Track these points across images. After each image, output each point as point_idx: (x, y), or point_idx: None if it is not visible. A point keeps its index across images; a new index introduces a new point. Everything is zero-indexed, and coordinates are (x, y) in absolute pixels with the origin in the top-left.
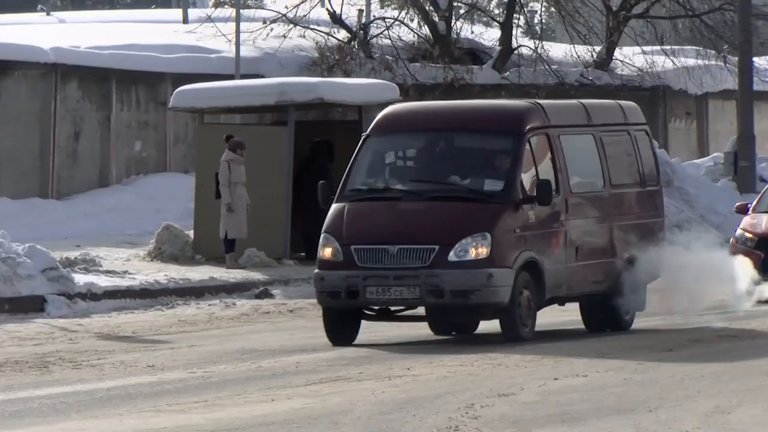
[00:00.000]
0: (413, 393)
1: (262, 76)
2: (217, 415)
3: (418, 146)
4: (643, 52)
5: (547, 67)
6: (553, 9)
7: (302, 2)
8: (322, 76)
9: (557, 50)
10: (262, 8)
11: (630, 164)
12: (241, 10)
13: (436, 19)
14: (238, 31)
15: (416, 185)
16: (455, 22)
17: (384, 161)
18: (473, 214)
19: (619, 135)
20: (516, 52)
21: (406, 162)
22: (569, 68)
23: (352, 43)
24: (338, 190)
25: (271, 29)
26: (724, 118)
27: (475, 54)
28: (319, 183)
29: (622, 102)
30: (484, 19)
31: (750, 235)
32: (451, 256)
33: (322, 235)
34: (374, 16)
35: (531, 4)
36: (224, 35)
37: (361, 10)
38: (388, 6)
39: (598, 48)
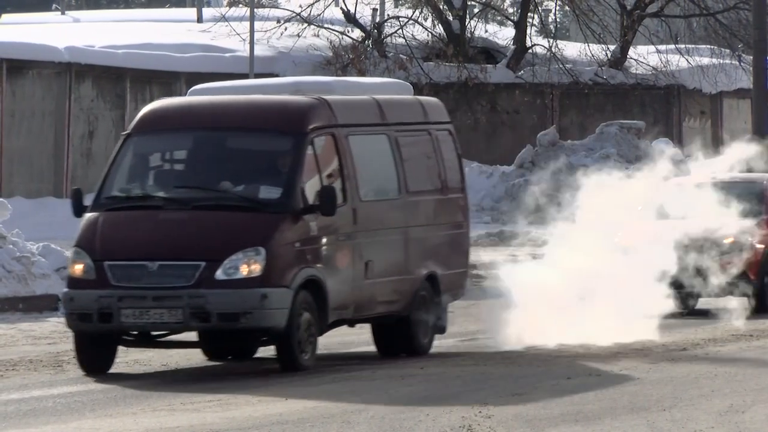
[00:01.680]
0: (426, 392)
1: (277, 75)
2: (232, 414)
3: (186, 147)
4: (658, 51)
5: (561, 66)
6: (567, 8)
7: (316, 1)
8: (337, 75)
9: (571, 49)
10: (277, 7)
11: (430, 168)
12: (256, 10)
13: (450, 18)
14: (252, 31)
15: (181, 192)
16: (469, 21)
17: (147, 164)
18: (245, 226)
19: (418, 135)
20: (530, 51)
21: (173, 165)
22: (583, 67)
23: (366, 42)
24: (93, 198)
25: (285, 28)
26: (739, 117)
27: (489, 53)
28: (72, 189)
29: (423, 98)
30: (499, 18)
31: (627, 245)
32: (219, 274)
33: (71, 250)
34: (388, 15)
35: (545, 3)
36: (238, 34)
37: (375, 9)
38: (402, 5)
39: (612, 47)
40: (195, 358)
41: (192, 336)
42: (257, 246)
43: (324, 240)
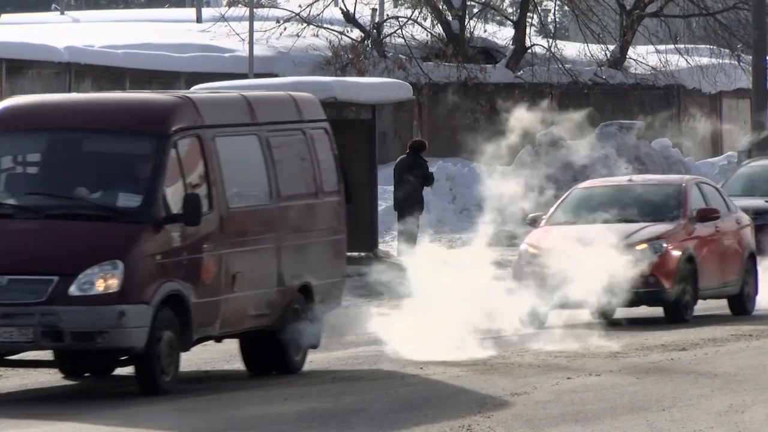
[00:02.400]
0: (426, 392)
1: (276, 76)
2: (232, 414)
3: (39, 150)
4: (657, 51)
5: (560, 66)
6: (566, 8)
7: (315, 1)
8: (336, 75)
9: (571, 49)
10: (276, 7)
11: (304, 170)
12: (255, 10)
13: (450, 18)
14: (251, 31)
15: (33, 199)
16: (469, 21)
17: None
18: (102, 237)
19: (292, 135)
20: (529, 51)
21: (25, 170)
22: (583, 67)
23: (366, 42)
24: None
25: (285, 28)
26: (738, 117)
27: (488, 53)
28: None
29: (296, 94)
30: (498, 18)
31: (534, 251)
32: (73, 290)
33: None
34: (387, 15)
35: (545, 3)
36: (238, 34)
37: (374, 9)
38: (401, 5)
39: (611, 47)
40: (196, 357)
41: (48, 354)
42: (114, 259)
43: (187, 251)
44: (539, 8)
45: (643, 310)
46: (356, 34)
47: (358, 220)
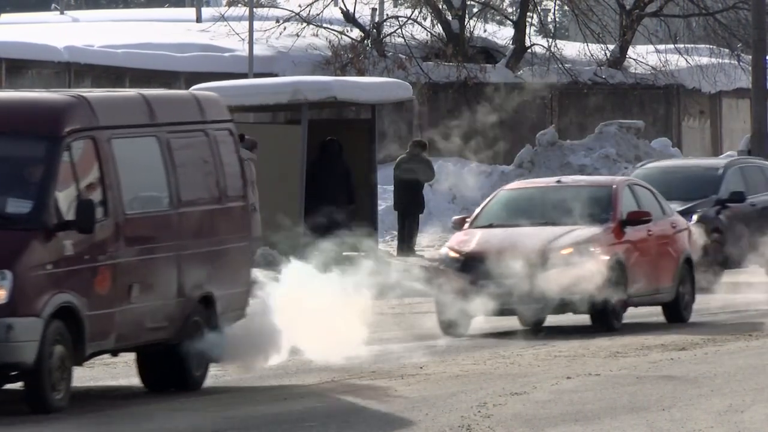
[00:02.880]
0: (426, 392)
1: (276, 75)
2: (231, 414)
3: None
4: (657, 51)
5: (560, 65)
6: (566, 7)
7: (315, 1)
8: (336, 75)
9: (571, 49)
10: (276, 7)
11: (207, 174)
12: (255, 9)
13: (450, 17)
14: (251, 30)
15: None
16: (468, 21)
17: None
18: None
19: (194, 136)
20: (529, 50)
21: None
22: (583, 67)
23: (366, 41)
24: None
25: (285, 28)
26: (738, 117)
27: (488, 53)
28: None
29: (199, 93)
30: (498, 17)
31: (455, 255)
32: None
33: None
34: (387, 14)
35: (544, 3)
36: (237, 34)
37: (374, 9)
38: (401, 5)
39: (611, 46)
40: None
41: None
42: (2, 269)
43: (81, 260)
44: (539, 8)
45: (580, 317)
46: (356, 33)
47: (358, 220)
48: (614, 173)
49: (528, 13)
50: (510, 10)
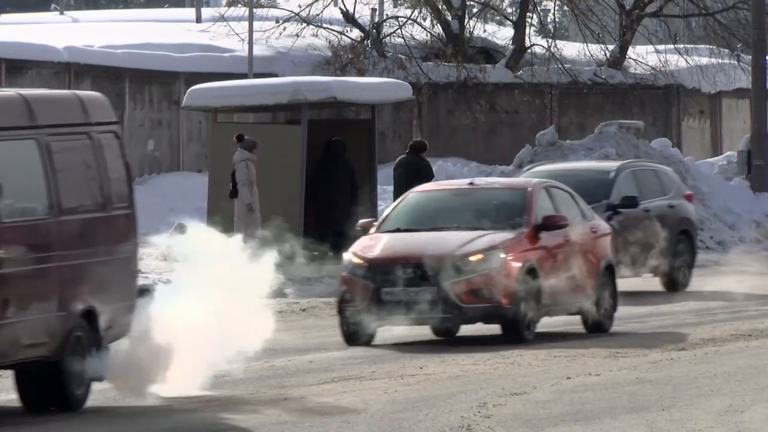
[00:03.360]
0: (426, 392)
1: (276, 75)
2: (231, 414)
3: None
4: (657, 51)
5: (560, 65)
6: (566, 8)
7: (315, 1)
8: (336, 75)
9: (570, 49)
10: (275, 7)
11: (90, 179)
12: (254, 9)
13: (449, 17)
14: (251, 30)
15: None
16: (468, 21)
17: None
18: None
19: (76, 139)
20: (529, 50)
21: None
22: (582, 67)
23: (365, 42)
24: None
25: (284, 28)
26: (738, 117)
27: (488, 53)
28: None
29: (83, 93)
30: (497, 17)
31: (359, 261)
32: None
33: None
34: (387, 14)
35: (544, 3)
36: (237, 34)
37: (374, 9)
38: (401, 5)
39: (611, 47)
40: None
41: None
42: None
43: None
44: (539, 8)
45: (491, 327)
46: (356, 34)
47: (358, 219)
48: None
49: (528, 14)
50: (510, 10)
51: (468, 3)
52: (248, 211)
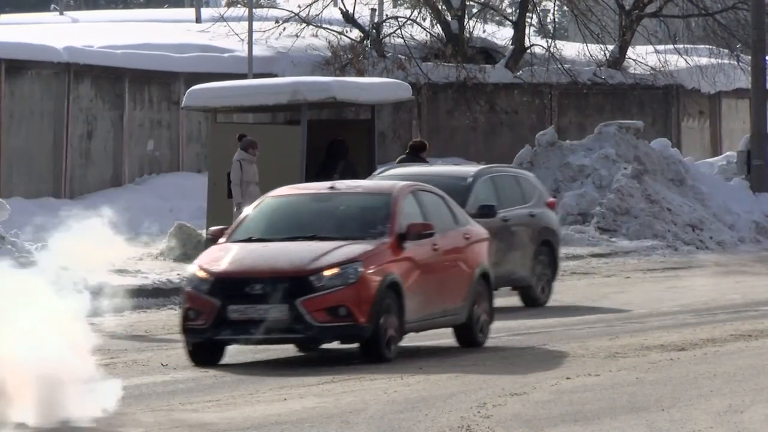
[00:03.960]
0: (425, 392)
1: (275, 76)
2: (230, 414)
3: None
4: (656, 51)
5: (560, 66)
6: (566, 8)
7: (315, 1)
8: (335, 75)
9: (570, 49)
10: (275, 7)
11: None
12: (254, 10)
13: (449, 18)
14: (250, 31)
15: None
16: (468, 22)
17: None
18: None
19: None
20: (529, 51)
21: None
22: (582, 67)
23: (365, 42)
24: None
25: (284, 28)
26: (738, 117)
27: (488, 53)
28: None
29: None
30: (497, 18)
31: (204, 275)
32: None
33: None
34: (387, 15)
35: (544, 3)
36: (237, 34)
37: (373, 9)
38: (400, 5)
39: (611, 47)
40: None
41: None
42: None
43: None
44: (538, 8)
45: (351, 346)
46: (355, 34)
47: None
48: (613, 174)
49: (527, 14)
50: (509, 10)
51: (468, 3)
52: (236, 210)
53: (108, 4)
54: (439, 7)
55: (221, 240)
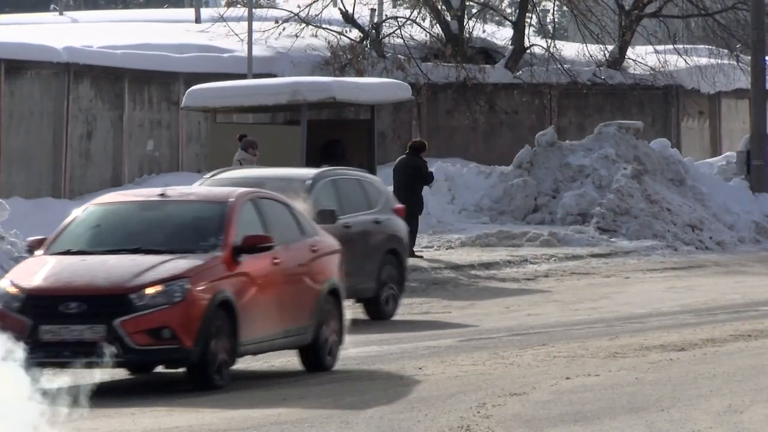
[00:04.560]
0: (425, 392)
1: (275, 76)
2: (230, 414)
3: None
4: (656, 51)
5: (559, 66)
6: (565, 8)
7: (314, 2)
8: (335, 76)
9: (570, 49)
10: (275, 8)
11: None
12: (254, 10)
13: (449, 18)
14: (250, 31)
15: None
16: (467, 22)
17: None
18: None
19: None
20: (528, 51)
21: None
22: (582, 67)
23: (365, 42)
24: None
25: (284, 29)
26: (737, 117)
27: (487, 53)
28: None
29: None
30: (497, 18)
31: (15, 291)
32: None
33: None
34: (386, 15)
35: (543, 3)
36: (237, 35)
37: (373, 10)
38: (400, 5)
39: (610, 47)
40: None
41: None
42: None
43: None
44: (538, 8)
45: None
46: (355, 34)
47: None
48: (613, 174)
49: (527, 14)
50: (509, 10)
51: (467, 3)
52: None
53: (108, 4)
54: (439, 7)
55: (38, 252)
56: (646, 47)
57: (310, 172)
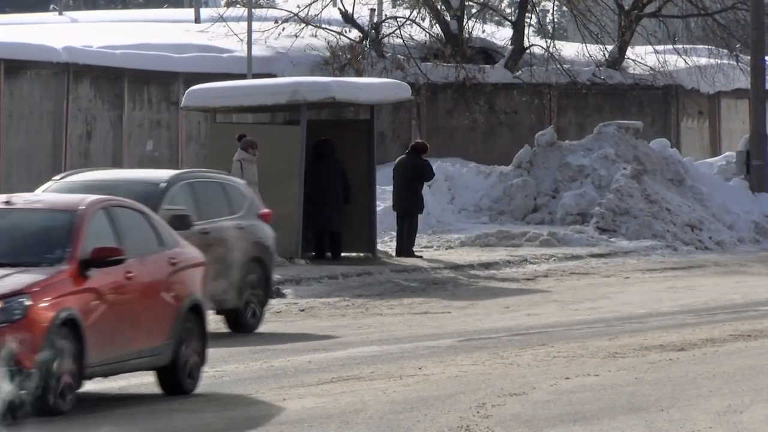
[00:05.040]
0: (424, 392)
1: (274, 76)
2: (230, 414)
3: None
4: (656, 51)
5: (559, 66)
6: (565, 8)
7: (314, 2)
8: (334, 76)
9: (569, 49)
10: (274, 8)
11: None
12: (253, 10)
13: (448, 18)
14: (250, 31)
15: None
16: (467, 22)
17: None
18: None
19: None
20: (528, 51)
21: None
22: (581, 67)
23: (364, 42)
24: None
25: (283, 29)
26: (737, 117)
27: (487, 53)
28: None
29: None
30: (496, 18)
31: None
32: None
33: None
34: (386, 15)
35: (543, 3)
36: (236, 35)
37: (372, 10)
38: (399, 5)
39: (610, 47)
40: None
41: None
42: None
43: None
44: (537, 8)
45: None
46: (355, 34)
47: (357, 220)
48: (613, 174)
49: (526, 14)
50: (508, 10)
51: (467, 3)
52: None
53: (107, 4)
54: (439, 7)
55: None
56: (645, 47)
57: (166, 174)
